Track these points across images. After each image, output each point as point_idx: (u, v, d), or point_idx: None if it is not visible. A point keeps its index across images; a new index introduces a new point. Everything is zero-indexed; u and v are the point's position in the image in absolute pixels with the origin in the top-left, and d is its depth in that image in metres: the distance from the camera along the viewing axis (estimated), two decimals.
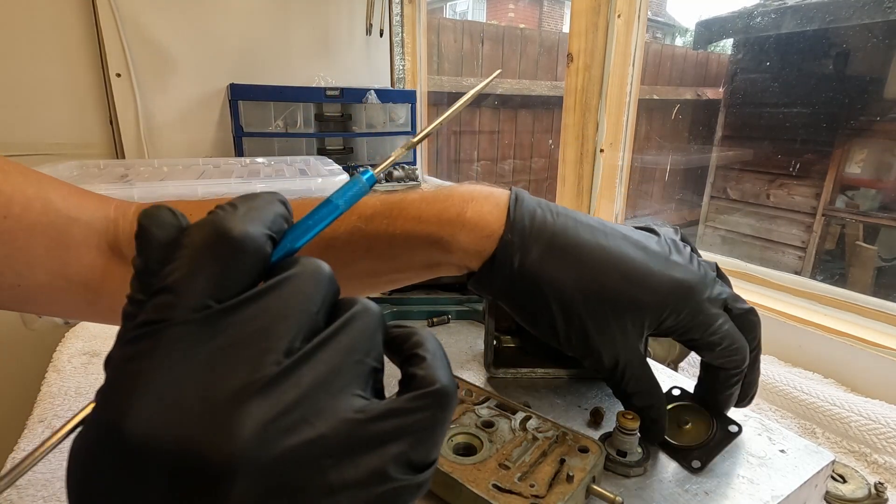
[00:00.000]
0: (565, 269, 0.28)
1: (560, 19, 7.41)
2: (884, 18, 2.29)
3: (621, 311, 0.28)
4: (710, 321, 0.29)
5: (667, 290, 0.28)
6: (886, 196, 2.30)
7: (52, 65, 1.23)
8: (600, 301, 0.28)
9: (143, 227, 0.16)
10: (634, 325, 0.29)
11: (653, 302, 0.28)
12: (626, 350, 0.29)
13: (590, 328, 0.28)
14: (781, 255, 2.56)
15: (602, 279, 0.28)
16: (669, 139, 3.22)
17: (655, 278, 0.28)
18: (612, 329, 0.29)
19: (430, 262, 0.30)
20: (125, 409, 0.14)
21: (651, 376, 0.31)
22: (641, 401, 0.31)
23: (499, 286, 0.29)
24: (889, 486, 0.42)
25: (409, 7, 1.58)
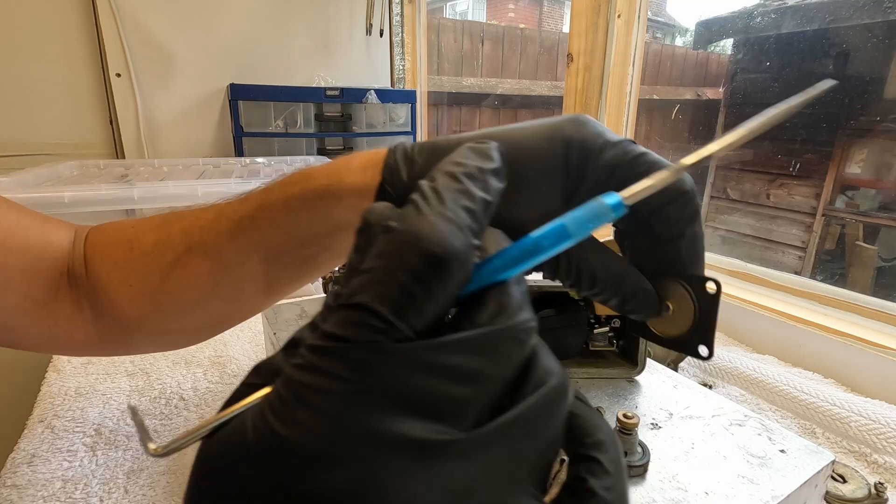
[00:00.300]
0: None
1: (560, 19, 7.41)
2: (884, 18, 2.29)
3: (520, 179, 0.24)
4: (626, 149, 0.25)
5: (551, 134, 0.25)
6: (886, 196, 2.30)
7: (52, 65, 1.23)
8: None
9: (366, 222, 0.15)
10: (543, 184, 0.24)
11: (545, 149, 0.24)
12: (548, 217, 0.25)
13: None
14: (781, 255, 2.56)
15: None
16: (669, 139, 3.22)
17: (538, 129, 0.25)
18: (520, 199, 0.24)
19: (329, 220, 0.28)
20: (292, 432, 0.12)
21: (604, 249, 0.25)
22: (605, 273, 0.25)
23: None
24: (889, 486, 0.42)
25: (409, 7, 1.58)
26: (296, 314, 0.52)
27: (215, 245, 0.30)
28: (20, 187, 0.77)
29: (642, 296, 0.25)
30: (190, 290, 0.30)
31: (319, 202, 0.28)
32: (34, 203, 0.66)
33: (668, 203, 0.24)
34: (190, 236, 0.30)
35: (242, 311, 0.34)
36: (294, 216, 0.28)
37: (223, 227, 0.30)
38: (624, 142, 0.25)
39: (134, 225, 0.32)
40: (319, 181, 0.28)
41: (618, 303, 0.25)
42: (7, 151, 1.21)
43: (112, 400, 0.53)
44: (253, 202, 0.29)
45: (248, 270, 0.30)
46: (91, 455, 0.45)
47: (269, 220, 0.29)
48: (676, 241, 0.25)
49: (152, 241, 0.31)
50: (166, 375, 0.58)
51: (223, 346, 0.65)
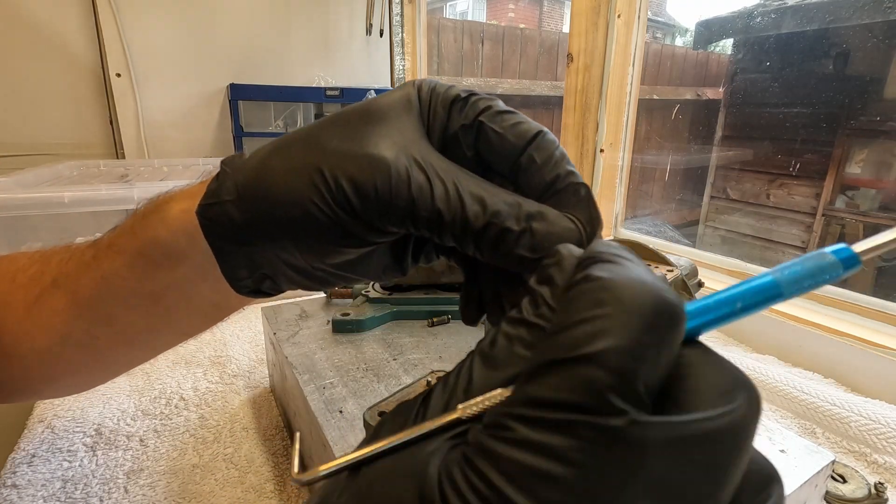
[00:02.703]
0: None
1: (560, 19, 7.41)
2: (884, 18, 2.29)
3: (381, 115, 0.21)
4: (465, 92, 0.22)
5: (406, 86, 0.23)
6: (886, 196, 2.30)
7: (52, 65, 1.23)
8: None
9: (559, 255, 0.14)
10: (399, 117, 0.21)
11: (399, 92, 0.22)
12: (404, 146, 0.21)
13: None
14: (781, 255, 2.56)
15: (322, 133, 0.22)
16: (669, 139, 3.23)
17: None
18: (378, 131, 0.21)
19: (158, 239, 0.24)
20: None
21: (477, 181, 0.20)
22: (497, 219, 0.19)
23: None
24: (889, 486, 0.42)
25: (409, 7, 1.58)
26: (296, 314, 0.52)
27: (74, 278, 0.27)
28: (20, 187, 0.77)
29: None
30: (45, 329, 0.27)
31: (157, 211, 0.25)
32: (34, 203, 0.66)
33: (526, 147, 0.21)
34: (61, 267, 0.27)
35: (104, 364, 0.31)
36: (136, 239, 0.25)
37: (87, 257, 0.27)
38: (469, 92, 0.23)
39: (31, 255, 0.29)
40: (163, 194, 0.25)
41: (519, 229, 0.19)
42: (7, 151, 1.21)
43: (112, 400, 0.53)
44: (117, 228, 0.27)
45: (99, 310, 0.27)
46: (91, 455, 0.45)
47: (119, 247, 0.26)
48: (549, 190, 0.20)
49: (31, 274, 0.28)
50: (166, 375, 0.58)
51: (223, 346, 0.65)
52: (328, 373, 0.41)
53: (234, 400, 0.54)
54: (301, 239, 0.21)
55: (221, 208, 0.22)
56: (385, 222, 0.20)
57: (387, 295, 0.52)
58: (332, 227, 0.20)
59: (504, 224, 0.19)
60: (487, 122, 0.21)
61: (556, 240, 0.19)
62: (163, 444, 0.47)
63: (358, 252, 0.23)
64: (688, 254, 0.83)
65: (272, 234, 0.21)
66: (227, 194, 0.21)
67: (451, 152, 0.22)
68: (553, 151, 0.20)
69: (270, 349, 0.52)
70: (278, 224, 0.21)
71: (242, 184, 0.21)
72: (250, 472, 0.44)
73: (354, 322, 0.48)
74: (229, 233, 0.22)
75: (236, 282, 0.24)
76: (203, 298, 0.27)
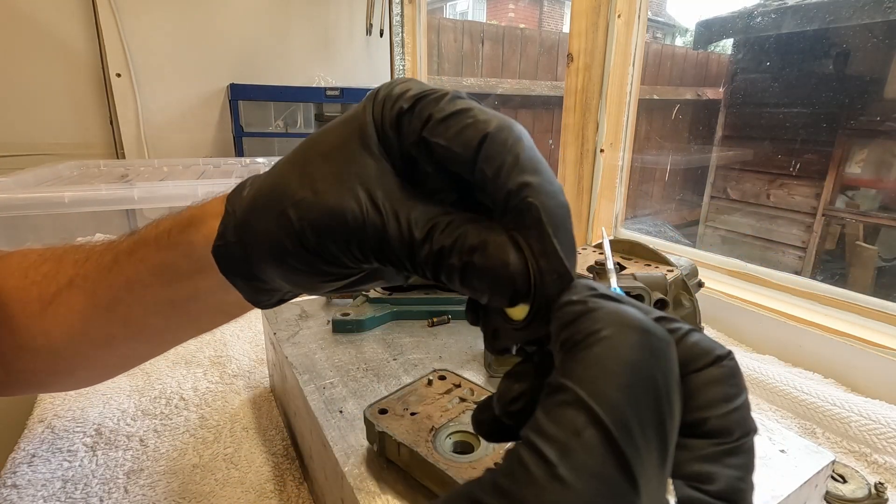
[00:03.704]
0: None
1: (560, 19, 7.41)
2: (884, 18, 2.29)
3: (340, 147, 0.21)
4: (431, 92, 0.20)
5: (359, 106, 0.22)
6: (887, 196, 2.30)
7: (52, 65, 1.23)
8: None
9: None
10: (355, 146, 0.21)
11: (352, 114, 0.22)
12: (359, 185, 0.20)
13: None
14: (781, 255, 2.56)
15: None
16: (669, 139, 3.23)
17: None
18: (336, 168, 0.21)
19: (191, 253, 0.25)
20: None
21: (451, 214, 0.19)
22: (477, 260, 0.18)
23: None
24: (889, 486, 0.42)
25: (409, 7, 1.58)
26: (296, 314, 0.52)
27: (94, 279, 0.27)
28: (20, 187, 0.77)
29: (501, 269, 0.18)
30: (62, 326, 0.28)
31: (183, 233, 0.25)
32: (34, 203, 0.66)
33: (476, 160, 0.18)
34: (77, 268, 0.28)
35: (118, 359, 0.31)
36: (163, 251, 0.26)
37: (106, 260, 0.27)
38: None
39: (41, 252, 0.30)
40: (188, 212, 0.26)
41: (461, 264, 0.18)
42: (7, 151, 1.21)
43: (112, 400, 0.53)
44: (137, 234, 0.27)
45: (118, 312, 0.27)
46: (91, 455, 0.45)
47: (142, 255, 0.26)
48: (507, 209, 0.18)
49: (44, 272, 0.29)
50: (166, 375, 0.58)
51: (223, 346, 0.65)
52: (328, 373, 0.41)
53: (234, 400, 0.54)
54: (287, 277, 0.22)
55: (228, 249, 0.23)
56: (350, 260, 0.21)
57: (387, 295, 0.52)
58: (307, 265, 0.21)
59: (448, 261, 0.18)
60: (430, 137, 0.19)
61: (494, 275, 0.17)
62: (163, 444, 0.47)
63: (344, 282, 0.23)
64: (688, 254, 0.83)
65: (266, 272, 0.23)
66: (230, 236, 0.23)
67: (415, 168, 0.21)
68: (504, 158, 0.17)
69: (270, 349, 0.52)
70: (267, 263, 0.22)
71: (239, 226, 0.23)
72: (250, 472, 0.44)
73: (354, 322, 0.48)
74: (238, 270, 0.23)
75: (258, 304, 0.26)
76: (226, 302, 0.27)
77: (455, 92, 0.20)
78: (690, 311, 0.57)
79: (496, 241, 0.18)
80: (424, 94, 0.20)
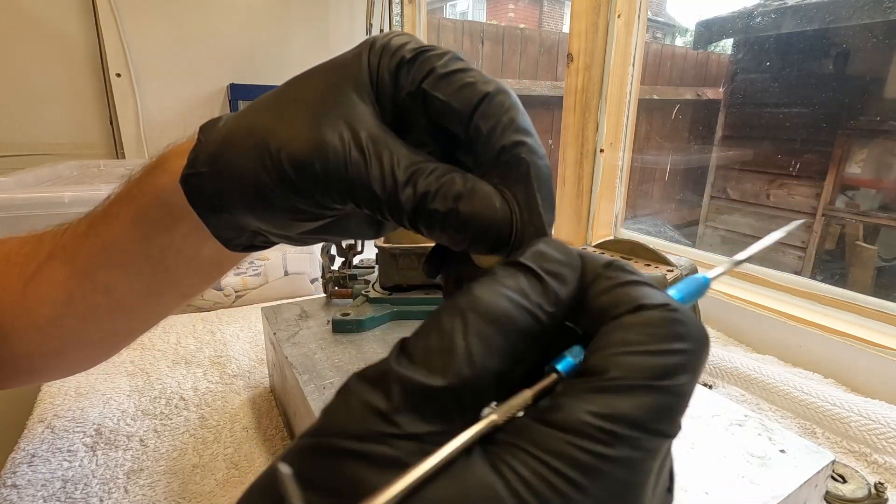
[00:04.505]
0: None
1: (560, 19, 7.41)
2: (884, 18, 2.29)
3: (332, 88, 0.21)
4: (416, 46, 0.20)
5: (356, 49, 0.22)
6: (886, 196, 2.30)
7: (52, 65, 1.23)
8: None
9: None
10: (348, 90, 0.20)
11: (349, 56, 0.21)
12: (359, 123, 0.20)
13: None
14: (781, 254, 2.56)
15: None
16: (669, 139, 3.23)
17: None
18: (331, 108, 0.20)
19: (160, 198, 0.25)
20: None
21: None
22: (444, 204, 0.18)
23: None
24: (889, 486, 0.42)
25: (409, 7, 1.58)
26: (296, 314, 0.52)
27: (72, 248, 0.27)
28: (20, 187, 0.77)
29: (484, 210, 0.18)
30: (45, 301, 0.28)
31: (150, 176, 0.25)
32: (34, 203, 0.66)
33: (473, 115, 0.19)
34: (55, 241, 0.28)
35: (104, 334, 0.31)
36: (133, 202, 0.26)
37: (82, 227, 0.27)
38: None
39: (23, 238, 0.30)
40: (157, 157, 0.26)
41: (445, 209, 0.18)
42: (7, 151, 1.21)
43: (112, 400, 0.54)
44: (110, 197, 0.27)
45: (98, 279, 0.27)
46: (91, 455, 0.45)
47: (115, 213, 0.26)
48: (497, 164, 0.19)
49: (25, 252, 0.28)
50: (166, 375, 0.58)
51: (223, 346, 0.65)
52: (328, 373, 0.41)
53: (234, 400, 0.54)
54: (258, 211, 0.22)
55: (198, 179, 0.22)
56: (327, 200, 0.20)
57: (387, 295, 0.52)
58: (282, 202, 0.21)
59: (430, 206, 0.18)
60: (430, 89, 0.19)
61: (479, 222, 0.18)
62: (163, 444, 0.47)
63: (316, 224, 0.23)
64: (688, 254, 0.83)
65: (237, 206, 0.22)
66: (201, 165, 0.22)
67: (404, 118, 0.21)
68: (500, 118, 0.19)
69: (270, 349, 0.52)
70: (239, 196, 0.21)
71: (213, 154, 0.22)
72: (250, 472, 0.44)
73: (354, 322, 0.48)
74: (207, 201, 0.22)
75: (227, 242, 0.24)
76: (202, 257, 0.27)
77: (455, 52, 0.20)
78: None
79: (483, 190, 0.18)
80: (426, 49, 0.20)
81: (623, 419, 0.12)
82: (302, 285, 0.82)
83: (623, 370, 0.13)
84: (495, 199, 0.18)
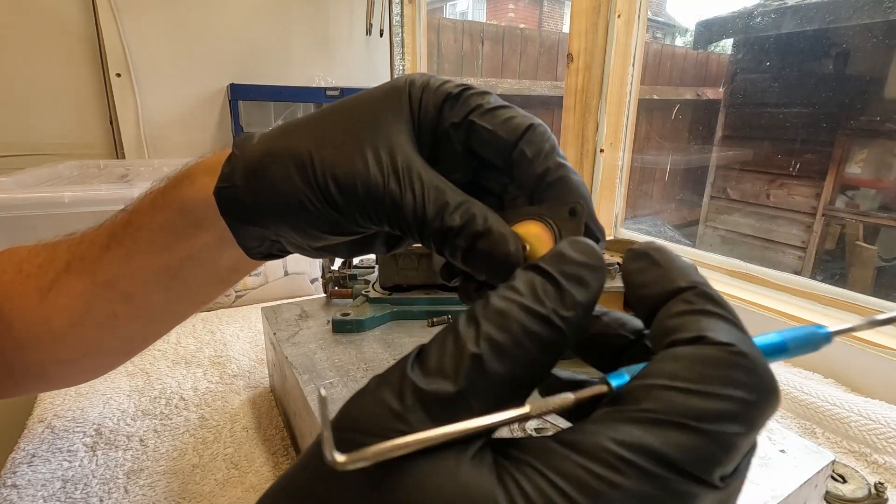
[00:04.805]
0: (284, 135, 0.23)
1: (560, 19, 7.41)
2: (884, 18, 2.29)
3: (371, 117, 0.22)
4: (455, 84, 0.23)
5: (395, 80, 0.24)
6: (886, 196, 2.30)
7: (52, 65, 1.23)
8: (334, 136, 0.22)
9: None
10: (389, 118, 0.22)
11: (389, 88, 0.23)
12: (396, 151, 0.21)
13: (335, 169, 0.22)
14: (781, 255, 2.56)
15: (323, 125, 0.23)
16: (669, 139, 3.23)
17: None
18: (368, 136, 0.22)
19: (185, 212, 0.26)
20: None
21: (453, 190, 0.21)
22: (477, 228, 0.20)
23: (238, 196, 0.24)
24: (889, 486, 0.42)
25: (409, 7, 1.58)
26: (296, 314, 0.52)
27: (91, 260, 0.28)
28: (20, 187, 0.77)
29: (495, 233, 0.20)
30: (64, 313, 0.28)
31: (177, 188, 0.26)
32: (34, 203, 0.66)
33: (518, 142, 0.22)
34: (72, 251, 0.28)
35: (120, 342, 0.31)
36: (158, 212, 0.26)
37: (102, 238, 0.28)
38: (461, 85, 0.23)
39: (32, 247, 0.30)
40: (182, 170, 0.26)
41: (465, 245, 0.20)
42: (7, 151, 1.21)
43: (112, 400, 0.54)
44: (131, 207, 0.27)
45: (119, 289, 0.28)
46: (91, 455, 0.45)
47: (138, 224, 0.27)
48: (542, 184, 0.21)
49: (39, 262, 0.29)
50: (166, 375, 0.58)
51: (223, 346, 0.65)
52: (328, 373, 0.41)
53: (234, 400, 0.54)
54: (296, 225, 0.23)
55: (233, 192, 0.24)
56: (365, 221, 0.22)
57: (387, 295, 0.52)
58: (322, 218, 0.22)
59: (454, 241, 0.21)
60: (478, 120, 0.22)
61: (495, 259, 0.20)
62: (163, 444, 0.47)
63: (347, 238, 0.25)
64: (688, 254, 0.83)
65: (274, 218, 0.23)
66: (238, 179, 0.23)
67: (441, 147, 0.23)
68: (543, 145, 0.21)
69: (270, 349, 0.52)
70: (278, 211, 0.23)
71: (251, 170, 0.23)
72: (250, 472, 0.44)
73: (354, 322, 0.48)
74: (241, 213, 0.24)
75: (250, 250, 0.26)
76: (221, 265, 0.28)
77: (492, 92, 0.23)
78: None
79: (498, 231, 0.20)
80: (468, 87, 0.23)
81: (642, 449, 0.12)
82: (302, 285, 0.82)
83: (658, 404, 0.12)
84: (509, 241, 0.20)
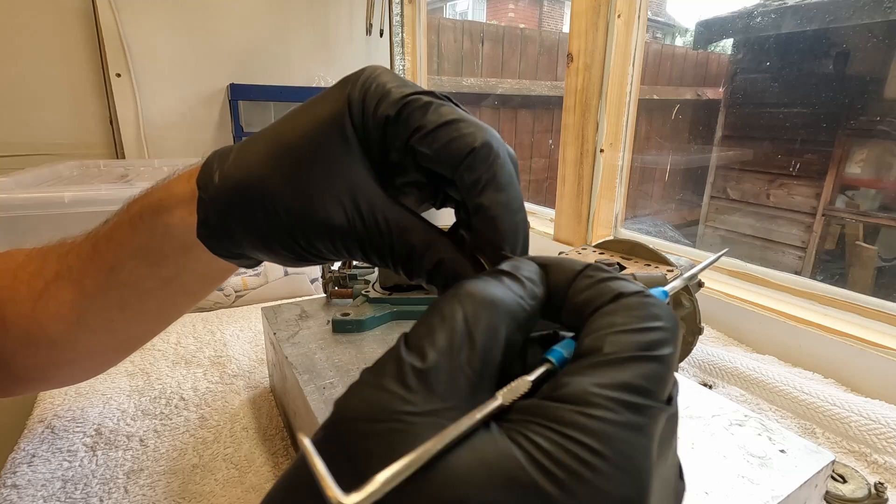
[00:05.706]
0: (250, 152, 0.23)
1: (560, 19, 7.41)
2: (884, 18, 2.29)
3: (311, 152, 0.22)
4: (402, 94, 0.21)
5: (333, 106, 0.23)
6: (886, 196, 2.30)
7: (52, 65, 1.23)
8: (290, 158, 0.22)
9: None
10: (335, 150, 0.22)
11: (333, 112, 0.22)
12: (350, 190, 0.22)
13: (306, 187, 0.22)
14: (781, 255, 2.56)
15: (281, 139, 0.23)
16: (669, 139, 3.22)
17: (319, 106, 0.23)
18: (317, 174, 0.22)
19: (169, 234, 0.26)
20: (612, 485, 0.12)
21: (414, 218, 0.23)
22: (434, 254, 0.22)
23: (215, 209, 0.23)
24: (889, 486, 0.42)
25: (409, 7, 1.58)
26: (296, 314, 0.52)
27: (78, 269, 0.28)
28: (20, 187, 0.77)
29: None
30: (55, 319, 0.28)
31: (156, 216, 0.26)
32: (34, 203, 0.66)
33: (458, 167, 0.21)
34: (61, 261, 0.28)
35: (116, 344, 0.31)
36: (139, 234, 0.26)
37: (86, 249, 0.28)
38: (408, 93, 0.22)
39: (28, 252, 0.30)
40: (155, 195, 0.26)
41: (430, 280, 0.22)
42: (7, 151, 1.21)
43: (112, 400, 0.53)
44: (112, 221, 0.28)
45: (111, 297, 0.28)
46: (91, 455, 0.45)
47: (119, 240, 0.27)
48: (478, 214, 0.21)
49: (31, 270, 0.29)
50: (166, 375, 0.58)
51: (223, 346, 0.65)
52: (328, 373, 0.41)
53: (234, 400, 0.54)
54: (275, 258, 0.24)
55: (212, 231, 0.24)
56: (334, 257, 0.24)
57: (387, 295, 0.52)
58: (296, 254, 0.23)
59: (417, 266, 0.22)
60: (418, 146, 0.21)
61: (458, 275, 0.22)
62: (163, 444, 0.47)
63: (326, 261, 0.25)
64: (688, 254, 0.83)
65: (253, 250, 0.24)
66: (213, 220, 0.24)
67: (396, 169, 0.23)
68: (481, 175, 0.20)
69: (270, 349, 0.52)
70: (254, 245, 0.24)
71: (222, 213, 0.23)
72: (250, 472, 0.44)
73: (354, 322, 0.48)
74: (225, 246, 0.24)
75: (240, 264, 0.27)
76: (215, 270, 0.28)
77: (435, 97, 0.21)
78: (690, 310, 0.57)
79: (453, 259, 0.22)
80: (407, 101, 0.21)
81: (625, 387, 0.13)
82: (302, 285, 0.82)
83: (616, 346, 0.14)
84: (466, 268, 0.22)
